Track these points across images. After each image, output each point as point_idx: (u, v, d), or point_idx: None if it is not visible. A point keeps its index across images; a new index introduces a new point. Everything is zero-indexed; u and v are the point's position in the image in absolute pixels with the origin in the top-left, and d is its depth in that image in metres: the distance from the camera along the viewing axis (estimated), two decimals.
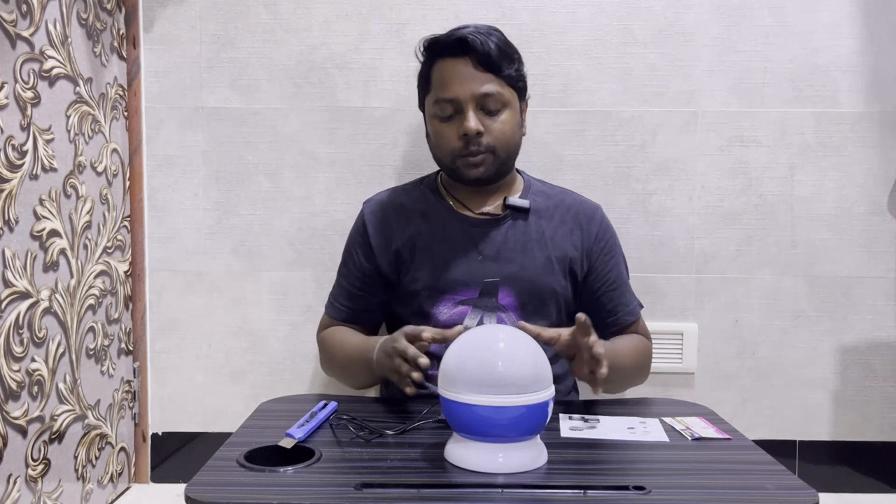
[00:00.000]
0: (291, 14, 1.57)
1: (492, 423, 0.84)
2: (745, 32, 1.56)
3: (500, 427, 0.84)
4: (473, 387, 0.84)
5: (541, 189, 1.35)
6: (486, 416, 0.83)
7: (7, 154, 1.15)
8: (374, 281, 1.32)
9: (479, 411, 0.83)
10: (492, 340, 0.89)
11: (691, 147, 1.58)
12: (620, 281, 1.32)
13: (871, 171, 1.58)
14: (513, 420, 0.84)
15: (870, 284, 1.59)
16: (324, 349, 1.36)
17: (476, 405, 0.83)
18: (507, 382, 0.83)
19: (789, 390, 1.61)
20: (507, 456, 0.85)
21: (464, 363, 0.86)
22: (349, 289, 1.34)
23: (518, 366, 0.85)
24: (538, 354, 0.88)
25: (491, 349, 0.87)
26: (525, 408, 0.83)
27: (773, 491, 0.82)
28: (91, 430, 1.43)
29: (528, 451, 0.87)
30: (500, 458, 0.85)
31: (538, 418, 0.85)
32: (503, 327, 0.96)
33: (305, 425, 0.97)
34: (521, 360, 0.86)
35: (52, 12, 1.28)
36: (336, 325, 1.35)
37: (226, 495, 0.80)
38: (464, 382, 0.84)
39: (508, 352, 0.87)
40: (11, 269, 1.17)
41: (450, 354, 0.88)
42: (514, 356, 0.86)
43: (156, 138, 1.60)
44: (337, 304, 1.35)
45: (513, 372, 0.84)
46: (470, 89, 1.20)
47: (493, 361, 0.85)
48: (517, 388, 0.83)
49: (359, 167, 1.59)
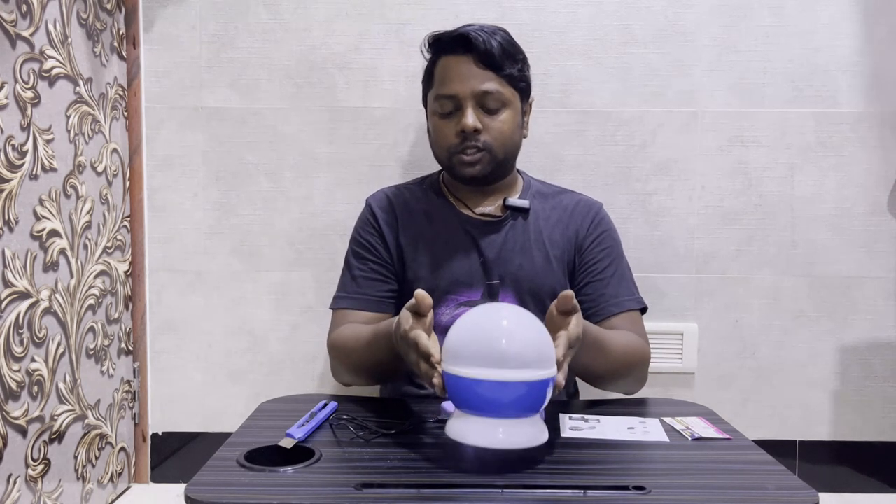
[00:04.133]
0: (291, 14, 1.57)
1: (493, 398, 0.84)
2: (745, 32, 1.56)
3: (501, 403, 0.84)
4: (476, 362, 0.84)
5: (540, 189, 1.35)
6: (488, 392, 0.84)
7: (7, 154, 1.15)
8: (386, 265, 1.28)
9: (481, 386, 0.84)
10: (496, 318, 0.89)
11: (691, 147, 1.58)
12: (610, 272, 1.27)
13: (871, 171, 1.58)
14: (514, 396, 0.84)
15: (870, 284, 1.59)
16: (337, 349, 1.23)
17: (478, 380, 0.84)
18: (509, 358, 0.83)
19: (789, 390, 1.61)
20: (507, 431, 0.85)
21: (467, 339, 0.86)
22: (362, 276, 1.28)
23: (521, 342, 0.85)
24: (541, 332, 0.88)
25: (495, 326, 0.87)
26: (527, 384, 0.84)
27: (773, 491, 0.82)
28: (91, 430, 1.43)
29: (529, 427, 0.87)
30: (500, 434, 0.85)
31: (539, 395, 0.85)
32: (507, 305, 0.96)
33: (305, 425, 0.97)
34: (524, 338, 0.86)
35: (52, 12, 1.28)
36: (347, 325, 1.25)
37: (226, 495, 0.80)
38: (467, 358, 0.85)
39: (512, 329, 0.87)
40: (11, 269, 1.17)
41: (454, 331, 0.89)
42: (518, 333, 0.87)
43: (156, 138, 1.60)
44: (350, 296, 1.27)
45: (516, 349, 0.84)
46: (470, 86, 1.20)
47: (497, 338, 0.85)
48: (519, 364, 0.83)
49: (359, 167, 1.59)
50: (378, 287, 1.27)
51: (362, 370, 1.20)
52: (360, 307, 1.26)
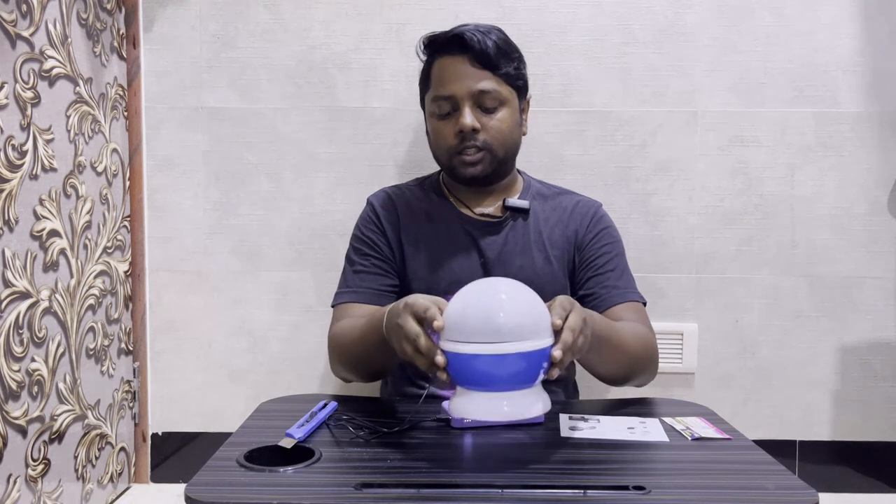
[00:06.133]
0: (291, 14, 1.57)
1: (494, 371, 0.86)
2: (745, 32, 1.56)
3: (501, 375, 0.86)
4: (475, 336, 0.85)
5: (540, 190, 1.35)
6: (489, 365, 0.85)
7: (7, 154, 1.15)
8: (388, 261, 1.28)
9: (481, 360, 0.85)
10: (493, 291, 0.91)
11: (691, 147, 1.58)
12: (612, 266, 1.27)
13: (871, 171, 1.58)
14: (514, 367, 0.85)
15: (870, 284, 1.59)
16: (333, 342, 1.23)
17: (478, 354, 0.85)
18: (506, 331, 0.84)
19: (789, 390, 1.61)
20: (511, 404, 0.86)
21: (465, 314, 0.87)
22: (364, 270, 1.27)
23: (518, 314, 0.86)
24: (538, 304, 0.90)
25: (492, 299, 0.89)
26: (525, 354, 0.85)
27: (773, 491, 0.82)
28: (91, 430, 1.43)
29: (531, 398, 0.88)
30: (504, 407, 0.86)
31: (539, 365, 0.86)
32: (504, 279, 0.97)
33: (305, 425, 0.97)
34: (520, 309, 0.87)
35: (52, 12, 1.28)
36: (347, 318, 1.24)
37: (226, 495, 0.80)
38: (466, 333, 0.86)
39: (509, 301, 0.89)
40: (11, 269, 1.17)
41: (451, 307, 0.90)
42: (514, 305, 0.88)
43: (156, 138, 1.60)
44: (351, 289, 1.27)
45: (513, 320, 0.85)
46: (466, 86, 1.20)
47: (495, 311, 0.86)
48: (516, 335, 0.85)
49: (359, 167, 1.59)
50: (379, 280, 1.27)
51: (355, 363, 1.19)
52: (362, 300, 1.25)
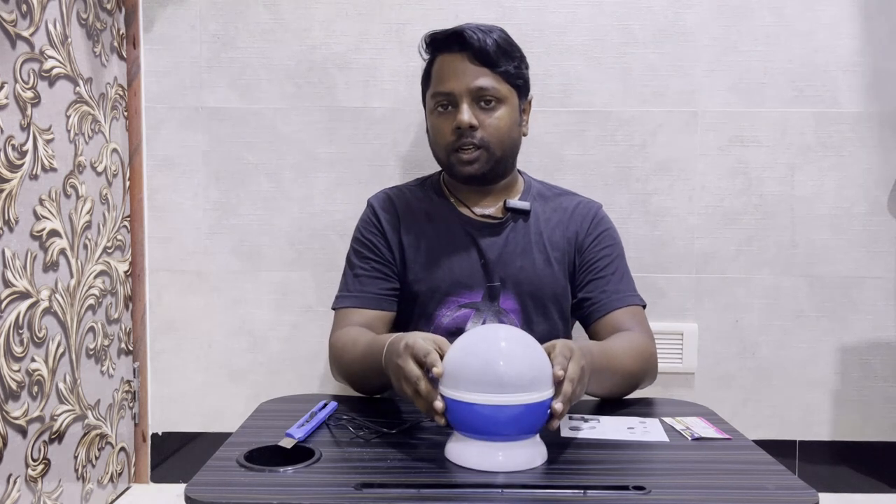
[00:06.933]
0: (291, 14, 1.57)
1: (492, 421, 0.84)
2: (745, 32, 1.56)
3: (500, 425, 0.85)
4: (474, 386, 0.84)
5: (541, 191, 1.34)
6: (487, 415, 0.84)
7: (7, 154, 1.15)
8: (388, 264, 1.28)
9: (479, 410, 0.84)
10: (493, 340, 0.89)
11: (691, 147, 1.58)
12: (611, 270, 1.27)
13: (871, 171, 1.58)
14: (512, 419, 0.84)
15: (870, 284, 1.59)
16: (335, 350, 1.22)
17: (477, 404, 0.84)
18: (507, 382, 0.84)
19: (789, 390, 1.61)
20: (506, 454, 0.86)
21: (465, 363, 0.86)
22: (364, 274, 1.27)
23: (518, 365, 0.85)
24: (538, 354, 0.88)
25: (492, 349, 0.87)
26: (524, 406, 0.84)
27: (773, 491, 0.82)
28: (91, 430, 1.43)
29: (527, 449, 0.87)
30: (499, 457, 0.85)
31: (537, 417, 0.86)
32: (504, 326, 0.96)
33: (305, 425, 0.97)
34: (521, 360, 0.86)
35: (52, 12, 1.28)
36: (350, 327, 1.24)
37: (226, 495, 0.80)
38: (465, 381, 0.85)
39: (509, 351, 0.87)
40: (11, 269, 1.17)
41: (452, 353, 0.89)
42: (515, 356, 0.86)
43: (156, 138, 1.60)
44: (352, 294, 1.26)
45: (513, 371, 0.84)
46: (465, 83, 1.21)
47: (495, 361, 0.85)
48: (516, 387, 0.84)
49: (359, 167, 1.59)
50: (380, 285, 1.27)
51: (353, 380, 1.19)
52: (363, 305, 1.26)
